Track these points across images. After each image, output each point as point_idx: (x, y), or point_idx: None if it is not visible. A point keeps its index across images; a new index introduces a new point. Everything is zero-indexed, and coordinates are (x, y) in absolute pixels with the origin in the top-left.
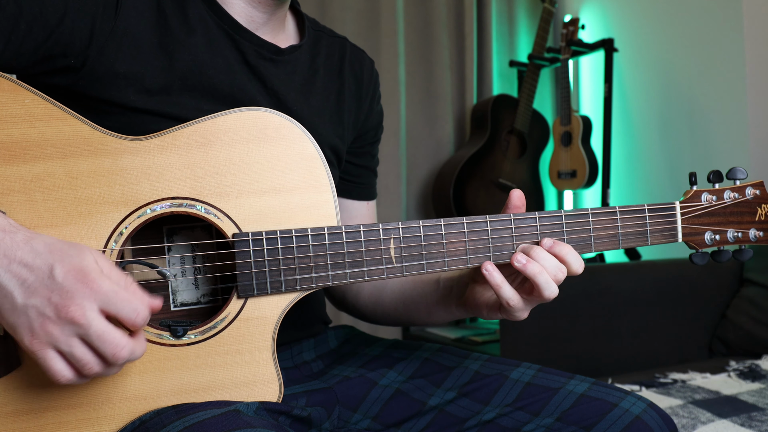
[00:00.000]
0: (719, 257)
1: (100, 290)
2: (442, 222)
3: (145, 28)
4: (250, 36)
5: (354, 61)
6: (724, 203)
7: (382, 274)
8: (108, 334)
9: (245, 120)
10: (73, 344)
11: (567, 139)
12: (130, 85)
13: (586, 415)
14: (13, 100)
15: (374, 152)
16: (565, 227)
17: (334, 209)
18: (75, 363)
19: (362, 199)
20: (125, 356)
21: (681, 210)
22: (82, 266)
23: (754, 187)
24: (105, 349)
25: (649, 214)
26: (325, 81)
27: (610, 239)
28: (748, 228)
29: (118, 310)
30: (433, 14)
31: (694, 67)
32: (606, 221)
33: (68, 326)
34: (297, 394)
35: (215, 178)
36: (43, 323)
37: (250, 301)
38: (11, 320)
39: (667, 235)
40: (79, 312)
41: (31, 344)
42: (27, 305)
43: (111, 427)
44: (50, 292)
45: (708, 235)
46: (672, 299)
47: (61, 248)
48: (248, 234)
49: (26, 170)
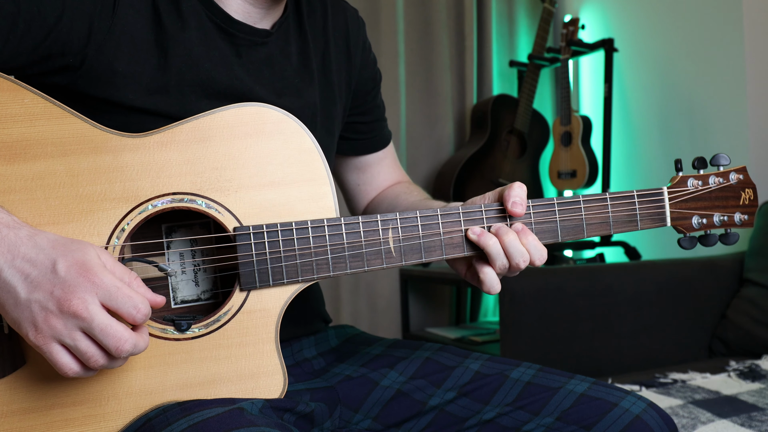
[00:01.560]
0: (706, 241)
1: (102, 284)
2: (439, 212)
3: (141, 27)
4: (242, 27)
5: (337, 15)
6: (709, 188)
7: (382, 263)
8: (110, 328)
9: (243, 115)
10: (76, 338)
11: (567, 139)
12: (128, 84)
13: (586, 415)
14: (13, 99)
15: (378, 101)
16: (558, 214)
17: (332, 201)
18: (80, 356)
19: (380, 148)
20: (128, 349)
21: (669, 195)
22: (84, 260)
23: (737, 173)
24: (108, 343)
25: (638, 199)
26: (313, 42)
27: (601, 224)
28: (734, 212)
29: (118, 306)
30: (433, 14)
31: (694, 67)
32: (597, 207)
33: (71, 320)
34: (300, 391)
35: (215, 173)
36: (47, 317)
37: (252, 293)
38: (15, 315)
39: (656, 220)
40: (82, 306)
41: (36, 339)
42: (30, 300)
43: (117, 423)
44: (53, 287)
45: (695, 219)
46: (672, 299)
47: (64, 244)
48: (249, 227)
49: (27, 169)
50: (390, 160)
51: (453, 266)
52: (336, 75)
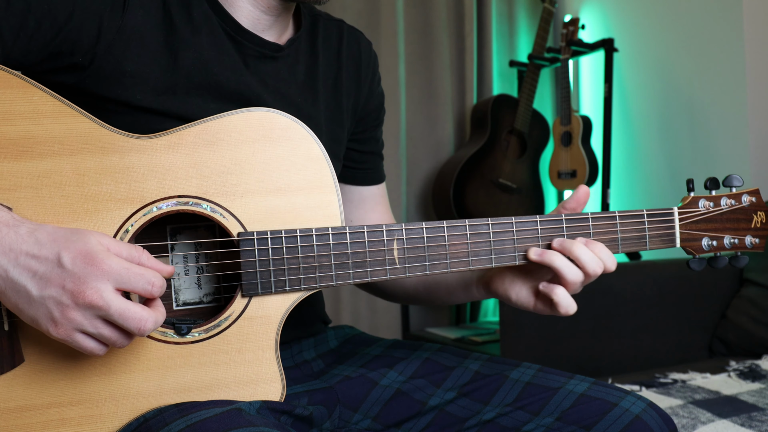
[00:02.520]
0: (716, 263)
1: (111, 269)
2: (445, 224)
3: (151, 27)
4: (252, 37)
5: (351, 43)
6: (720, 210)
7: (385, 274)
8: (128, 311)
9: (252, 120)
10: (98, 326)
11: (567, 139)
12: (137, 84)
13: (586, 415)
14: (21, 96)
15: (378, 136)
16: (566, 231)
17: (338, 210)
18: (104, 341)
19: (373, 183)
20: (151, 327)
21: (679, 216)
22: (87, 249)
23: (749, 195)
24: (129, 325)
25: (648, 219)
26: (324, 65)
27: (609, 243)
28: (744, 234)
29: (133, 286)
30: (433, 14)
31: (694, 67)
32: (606, 225)
33: (89, 310)
34: (299, 394)
35: (221, 178)
36: (64, 311)
37: (254, 300)
38: (31, 313)
39: (666, 241)
40: (96, 295)
41: (58, 333)
42: (43, 296)
43: (114, 424)
44: (63, 280)
45: (705, 241)
46: (672, 299)
47: (64, 235)
48: (253, 233)
49: (33, 167)
50: (384, 206)
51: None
52: (346, 99)
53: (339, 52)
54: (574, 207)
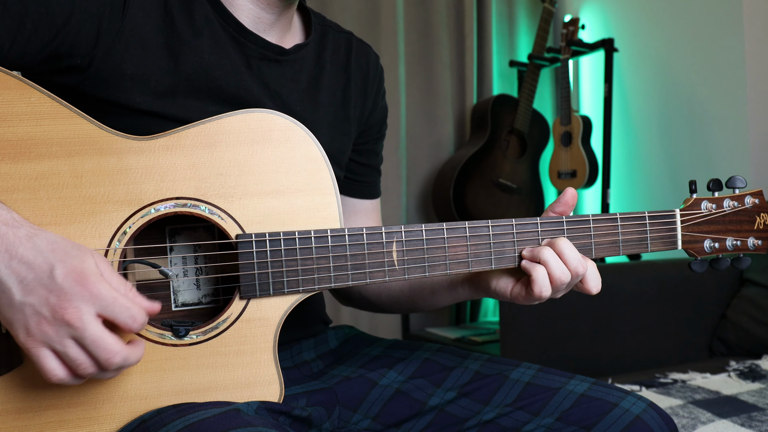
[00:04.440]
0: (718, 265)
1: (99, 294)
2: (445, 226)
3: (151, 29)
4: (255, 38)
5: (360, 56)
6: (723, 212)
7: (384, 276)
8: (102, 340)
9: (250, 121)
10: (67, 345)
11: (567, 139)
12: (136, 87)
13: (586, 415)
14: (19, 98)
15: (378, 150)
16: (566, 233)
17: (337, 212)
18: (69, 363)
19: (367, 197)
20: (118, 362)
21: (681, 217)
22: (82, 268)
23: (753, 196)
24: (98, 354)
25: (649, 221)
26: (331, 77)
27: (610, 245)
28: (747, 236)
29: (115, 316)
30: (433, 14)
31: (694, 67)
32: (607, 227)
33: (63, 327)
34: (297, 395)
35: (219, 179)
36: (39, 322)
37: (252, 302)
38: (8, 316)
39: (667, 242)
40: (76, 315)
41: (26, 341)
42: (24, 303)
43: (111, 426)
44: (48, 293)
45: (707, 242)
46: (672, 299)
47: (64, 248)
48: (251, 235)
49: (31, 168)
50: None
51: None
52: (353, 110)
53: (347, 64)
54: (562, 210)
